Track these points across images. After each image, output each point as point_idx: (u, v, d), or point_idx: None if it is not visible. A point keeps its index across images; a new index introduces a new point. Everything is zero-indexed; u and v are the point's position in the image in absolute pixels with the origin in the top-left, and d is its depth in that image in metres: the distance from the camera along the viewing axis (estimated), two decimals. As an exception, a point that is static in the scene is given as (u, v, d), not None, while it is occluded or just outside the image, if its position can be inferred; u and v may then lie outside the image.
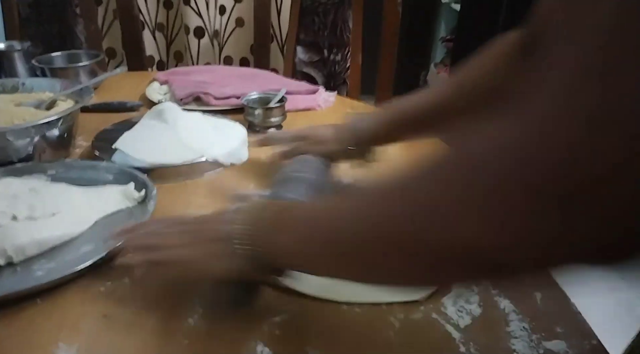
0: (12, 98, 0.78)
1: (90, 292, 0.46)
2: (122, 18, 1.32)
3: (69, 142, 0.73)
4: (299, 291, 0.46)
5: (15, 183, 0.55)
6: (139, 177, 0.62)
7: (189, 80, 1.01)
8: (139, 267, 0.46)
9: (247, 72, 1.13)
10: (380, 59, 1.28)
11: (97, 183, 0.62)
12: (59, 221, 0.52)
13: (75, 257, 0.50)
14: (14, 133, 0.63)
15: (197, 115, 0.79)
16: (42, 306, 0.44)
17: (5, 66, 1.01)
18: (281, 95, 0.86)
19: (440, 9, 3.02)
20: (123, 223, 0.55)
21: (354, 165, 0.63)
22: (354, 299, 0.45)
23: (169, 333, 0.41)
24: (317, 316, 0.44)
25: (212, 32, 1.38)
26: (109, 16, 1.38)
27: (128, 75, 1.15)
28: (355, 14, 1.29)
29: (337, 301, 0.45)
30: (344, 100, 1.02)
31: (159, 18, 1.41)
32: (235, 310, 0.44)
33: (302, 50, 1.38)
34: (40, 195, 0.54)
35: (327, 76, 1.41)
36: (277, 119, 0.83)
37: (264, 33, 1.35)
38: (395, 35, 1.25)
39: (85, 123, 0.81)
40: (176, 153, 0.69)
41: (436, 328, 0.42)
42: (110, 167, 0.65)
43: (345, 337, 0.42)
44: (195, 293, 0.46)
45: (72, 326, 0.42)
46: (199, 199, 0.63)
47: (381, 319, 0.43)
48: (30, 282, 0.45)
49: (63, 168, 0.64)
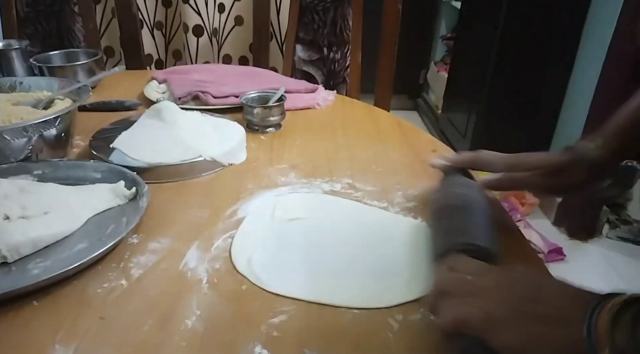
0: (10, 97, 0.77)
1: (86, 294, 0.46)
2: (120, 16, 1.31)
3: (67, 141, 0.73)
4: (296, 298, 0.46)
5: (4, 184, 0.55)
6: (128, 175, 0.62)
7: (187, 79, 1.00)
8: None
9: (246, 71, 1.12)
10: (380, 57, 1.27)
11: (85, 182, 0.62)
12: (52, 220, 0.52)
13: (70, 255, 0.50)
14: (11, 132, 0.63)
15: (196, 114, 0.79)
16: (38, 308, 0.44)
17: (3, 65, 1.01)
18: (280, 93, 0.86)
19: (441, 7, 3.02)
20: (115, 220, 0.56)
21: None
22: (351, 305, 0.45)
23: (167, 335, 0.41)
24: (315, 318, 0.43)
25: (211, 30, 1.38)
26: (107, 14, 1.37)
27: (126, 73, 1.15)
28: (355, 12, 1.29)
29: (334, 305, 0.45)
30: (344, 99, 1.01)
31: (157, 16, 1.40)
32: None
33: (302, 49, 1.38)
34: (31, 194, 0.54)
35: (327, 75, 1.41)
36: (276, 118, 0.83)
37: (263, 31, 1.35)
38: (395, 33, 1.24)
39: (83, 122, 0.81)
40: (174, 152, 0.68)
41: (435, 329, 0.42)
42: (98, 165, 0.64)
43: (344, 338, 0.41)
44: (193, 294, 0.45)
45: (68, 328, 0.42)
46: (197, 199, 0.62)
47: (380, 320, 0.43)
48: (26, 281, 0.44)
49: (50, 168, 0.64)
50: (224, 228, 0.56)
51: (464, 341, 0.37)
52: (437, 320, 0.39)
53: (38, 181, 0.61)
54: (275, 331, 0.42)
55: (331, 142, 0.80)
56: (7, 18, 1.26)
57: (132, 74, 1.16)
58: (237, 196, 0.63)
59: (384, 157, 0.75)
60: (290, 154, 0.75)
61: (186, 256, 0.51)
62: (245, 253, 0.51)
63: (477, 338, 0.35)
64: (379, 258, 0.51)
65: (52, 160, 0.65)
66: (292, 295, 0.46)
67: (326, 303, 0.45)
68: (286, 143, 0.79)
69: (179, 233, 0.55)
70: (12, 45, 1.03)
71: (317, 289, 0.46)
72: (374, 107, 0.99)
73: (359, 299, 0.45)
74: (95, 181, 0.62)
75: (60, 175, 0.63)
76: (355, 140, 0.81)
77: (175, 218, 0.58)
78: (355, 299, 0.45)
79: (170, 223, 0.57)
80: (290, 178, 0.68)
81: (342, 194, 0.64)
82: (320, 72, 1.41)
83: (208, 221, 0.57)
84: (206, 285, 0.47)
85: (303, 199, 0.62)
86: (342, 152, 0.77)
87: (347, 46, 1.36)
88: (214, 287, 0.47)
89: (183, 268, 0.49)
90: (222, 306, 0.44)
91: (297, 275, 0.48)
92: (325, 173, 0.69)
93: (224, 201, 0.62)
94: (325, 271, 0.49)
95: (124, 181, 0.60)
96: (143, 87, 1.00)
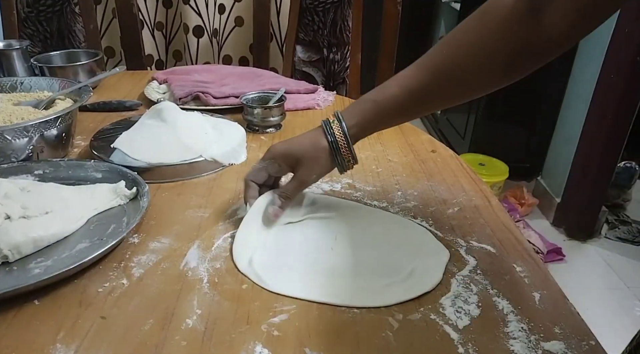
0: (11, 97, 0.78)
1: (87, 293, 0.46)
2: (121, 17, 1.31)
3: (68, 141, 0.73)
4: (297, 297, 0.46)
5: (5, 183, 0.55)
6: (129, 175, 0.62)
7: (188, 80, 1.01)
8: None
9: (246, 72, 1.12)
10: (379, 58, 1.27)
11: (86, 182, 0.62)
12: (53, 219, 0.52)
13: (71, 254, 0.50)
14: (12, 132, 0.63)
15: (196, 114, 0.79)
16: (39, 308, 0.44)
17: (4, 65, 1.01)
18: (280, 94, 0.86)
19: (440, 8, 3.02)
20: (116, 220, 0.56)
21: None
22: (351, 304, 0.45)
23: (167, 335, 0.41)
24: (316, 317, 0.44)
25: (212, 31, 1.38)
26: (108, 15, 1.37)
27: (127, 74, 1.15)
28: (355, 13, 1.29)
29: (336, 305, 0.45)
30: (344, 100, 1.02)
31: (158, 17, 1.40)
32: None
33: (302, 49, 1.38)
34: (32, 194, 0.54)
35: (327, 75, 1.41)
36: (276, 118, 0.83)
37: (264, 32, 1.35)
38: (394, 34, 1.25)
39: (83, 122, 0.81)
40: (175, 152, 0.68)
41: (435, 328, 0.42)
42: (99, 165, 0.65)
43: (344, 338, 0.42)
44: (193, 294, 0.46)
45: (69, 327, 0.42)
46: (198, 199, 0.63)
47: (380, 320, 0.43)
48: (27, 280, 0.44)
49: (51, 168, 0.64)
50: (224, 227, 0.56)
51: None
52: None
53: (39, 181, 0.61)
54: (276, 330, 0.42)
55: (331, 142, 0.80)
56: (7, 18, 1.26)
57: (132, 75, 1.16)
58: (237, 196, 0.63)
59: (383, 157, 0.75)
60: (291, 154, 0.75)
61: (187, 255, 0.51)
62: (245, 253, 0.51)
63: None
64: (378, 257, 0.52)
65: (53, 160, 0.65)
66: (292, 294, 0.46)
67: (326, 302, 0.45)
68: (286, 144, 0.79)
69: (179, 233, 0.55)
70: (13, 45, 1.03)
71: (317, 288, 0.47)
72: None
73: (358, 298, 0.46)
74: (96, 181, 0.62)
75: (61, 175, 0.63)
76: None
77: (176, 218, 0.58)
78: (355, 298, 0.46)
79: (170, 222, 0.57)
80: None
81: (342, 194, 0.64)
82: (320, 72, 1.41)
83: (208, 221, 0.58)
84: (207, 285, 0.47)
85: (304, 199, 0.62)
86: (342, 152, 0.77)
87: (346, 47, 1.36)
88: (214, 287, 0.47)
89: (184, 267, 0.50)
90: (223, 306, 0.45)
91: (297, 274, 0.49)
92: (325, 173, 0.69)
93: (225, 201, 0.62)
94: (325, 271, 0.49)
95: (124, 181, 0.60)
96: (143, 87, 1.01)
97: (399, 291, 0.46)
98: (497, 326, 0.43)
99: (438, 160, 0.75)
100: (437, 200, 0.63)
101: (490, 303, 0.45)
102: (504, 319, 0.43)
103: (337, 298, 0.45)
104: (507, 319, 0.43)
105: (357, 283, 0.48)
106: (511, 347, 0.40)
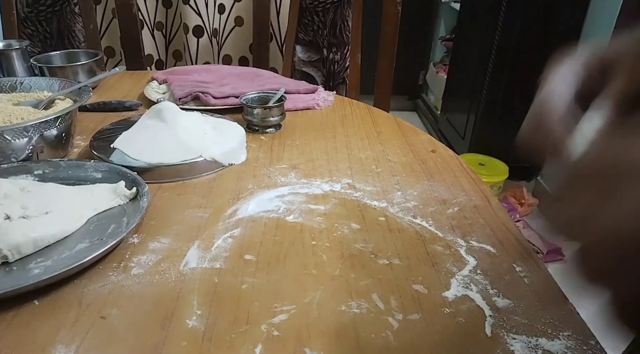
0: (10, 97, 0.78)
1: (87, 293, 0.46)
2: (120, 17, 1.31)
3: (67, 141, 0.73)
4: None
5: (5, 184, 0.55)
6: (129, 175, 0.62)
7: (187, 80, 1.01)
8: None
9: (246, 72, 1.12)
10: (379, 58, 1.27)
11: (86, 182, 0.62)
12: (53, 219, 0.52)
13: (71, 254, 0.50)
14: (12, 132, 0.63)
15: (196, 114, 0.79)
16: (39, 307, 0.44)
17: (4, 65, 1.01)
18: (280, 94, 0.86)
19: (440, 8, 3.02)
20: (115, 220, 0.56)
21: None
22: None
23: (167, 335, 0.41)
24: (316, 317, 0.44)
25: (211, 31, 1.38)
26: (108, 15, 1.37)
27: (127, 74, 1.15)
28: (354, 13, 1.29)
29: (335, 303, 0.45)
30: (343, 100, 1.02)
31: (157, 17, 1.40)
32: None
33: (301, 49, 1.38)
34: (32, 194, 0.54)
35: (327, 75, 1.41)
36: (276, 119, 0.83)
37: (263, 32, 1.35)
38: (394, 34, 1.25)
39: (83, 122, 0.81)
40: (175, 152, 0.68)
41: (435, 328, 0.42)
42: (98, 165, 0.65)
43: (344, 338, 0.41)
44: (194, 294, 0.46)
45: (69, 327, 0.42)
46: (198, 199, 0.63)
47: (379, 320, 0.43)
48: (27, 280, 0.44)
49: (51, 168, 0.64)
50: (224, 228, 0.56)
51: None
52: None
53: (39, 181, 0.61)
54: (276, 330, 0.42)
55: (331, 142, 0.80)
56: (7, 18, 1.26)
57: (132, 74, 1.16)
58: (237, 196, 0.63)
59: (383, 157, 0.75)
60: (290, 154, 0.76)
61: (187, 255, 0.51)
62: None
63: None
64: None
65: (53, 160, 0.65)
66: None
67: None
68: (286, 144, 0.79)
69: (179, 233, 0.55)
70: (13, 45, 1.03)
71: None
72: (373, 107, 0.99)
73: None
74: (95, 181, 0.63)
75: (60, 175, 0.63)
76: (355, 140, 0.81)
77: (176, 218, 0.58)
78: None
79: (170, 223, 0.57)
80: (290, 179, 0.68)
81: (341, 194, 0.64)
82: (320, 72, 1.42)
83: (208, 221, 0.58)
84: (207, 285, 0.47)
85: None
86: (342, 152, 0.77)
87: (346, 47, 1.36)
88: (214, 287, 0.47)
89: (183, 267, 0.50)
90: (223, 306, 0.45)
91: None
92: (325, 173, 0.70)
93: (224, 201, 0.62)
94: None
95: (124, 181, 0.60)
96: (143, 87, 1.01)
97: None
98: (497, 326, 0.43)
99: (438, 160, 0.75)
100: (437, 200, 0.63)
101: (490, 303, 0.45)
102: (504, 318, 0.43)
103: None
104: (507, 319, 0.43)
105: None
106: (511, 347, 0.40)
